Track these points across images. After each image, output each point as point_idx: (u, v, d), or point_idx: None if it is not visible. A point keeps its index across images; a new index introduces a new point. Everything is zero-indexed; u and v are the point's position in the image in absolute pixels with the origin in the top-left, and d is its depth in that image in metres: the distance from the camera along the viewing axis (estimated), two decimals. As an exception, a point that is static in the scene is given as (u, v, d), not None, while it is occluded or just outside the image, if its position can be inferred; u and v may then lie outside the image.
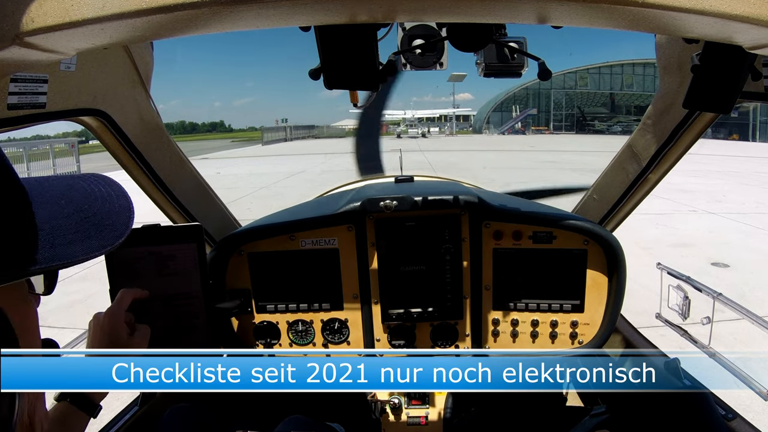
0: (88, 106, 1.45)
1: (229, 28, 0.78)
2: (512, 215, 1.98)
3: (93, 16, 0.68)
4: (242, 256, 2.00)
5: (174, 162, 1.91)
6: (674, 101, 1.64)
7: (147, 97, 1.69)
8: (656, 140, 1.80)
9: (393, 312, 2.02)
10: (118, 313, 1.31)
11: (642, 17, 0.70)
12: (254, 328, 2.06)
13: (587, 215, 2.20)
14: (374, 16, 0.81)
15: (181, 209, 2.01)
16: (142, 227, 1.57)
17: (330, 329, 2.07)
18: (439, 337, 2.08)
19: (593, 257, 1.96)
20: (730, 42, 0.77)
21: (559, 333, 2.03)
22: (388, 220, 1.96)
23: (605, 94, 69.95)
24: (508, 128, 69.55)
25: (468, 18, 0.84)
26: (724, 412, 1.72)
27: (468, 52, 1.23)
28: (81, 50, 0.81)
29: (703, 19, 0.66)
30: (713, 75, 1.25)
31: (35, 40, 0.72)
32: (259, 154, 37.79)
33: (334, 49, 1.15)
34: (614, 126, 64.34)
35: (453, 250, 1.98)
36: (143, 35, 0.80)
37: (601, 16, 0.73)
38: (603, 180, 2.14)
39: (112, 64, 1.49)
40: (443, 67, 1.39)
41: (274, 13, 0.73)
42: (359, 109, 1.52)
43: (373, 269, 2.00)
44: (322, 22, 0.98)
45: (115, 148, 1.69)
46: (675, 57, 1.54)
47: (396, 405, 2.09)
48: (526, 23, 0.81)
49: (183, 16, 0.70)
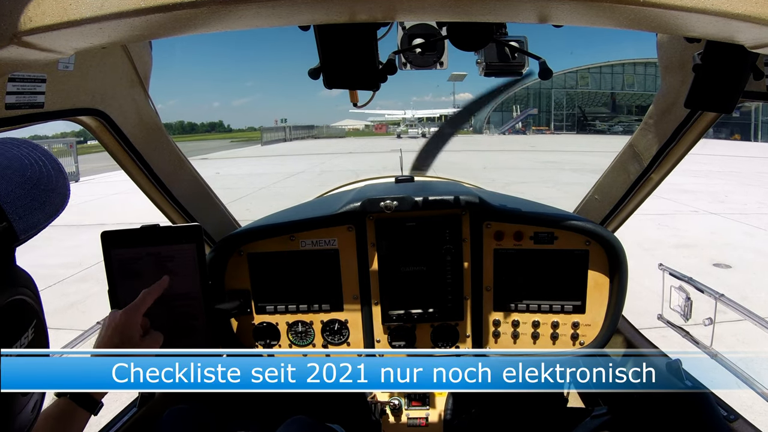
0: (87, 105, 1.45)
1: (228, 28, 0.78)
2: (513, 215, 1.98)
3: (91, 15, 0.68)
4: (242, 257, 2.00)
5: (173, 162, 1.91)
6: (676, 101, 1.64)
7: (146, 96, 1.69)
8: (658, 140, 1.80)
9: (393, 313, 2.02)
10: (135, 314, 1.31)
11: (643, 16, 0.70)
12: (254, 329, 2.06)
13: (589, 216, 2.20)
14: (374, 15, 0.81)
15: (180, 209, 2.01)
16: (141, 227, 1.57)
17: (330, 330, 2.07)
18: (440, 338, 2.08)
19: (595, 258, 1.96)
20: (731, 41, 0.77)
21: (560, 334, 2.03)
22: (389, 221, 1.96)
23: (606, 93, 69.94)
24: (509, 128, 69.57)
25: (468, 17, 0.84)
26: (726, 413, 1.72)
27: (468, 51, 1.23)
28: (79, 50, 0.81)
29: (705, 18, 0.66)
30: (715, 74, 1.25)
31: (33, 40, 0.72)
32: (258, 155, 37.79)
33: (333, 48, 1.15)
34: (615, 126, 64.35)
35: (454, 251, 1.98)
36: (142, 34, 0.80)
37: (602, 15, 0.73)
38: (604, 180, 2.14)
39: (111, 64, 1.49)
40: (443, 66, 1.39)
41: (273, 12, 0.73)
42: (359, 109, 1.51)
43: (373, 270, 2.00)
44: (321, 22, 0.98)
45: (114, 148, 1.69)
46: (676, 56, 1.54)
47: (396, 406, 2.09)
48: (526, 22, 0.81)
49: (182, 15, 0.69)
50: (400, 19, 1.27)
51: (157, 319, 1.61)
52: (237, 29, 0.79)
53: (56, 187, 0.81)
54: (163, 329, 1.62)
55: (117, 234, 1.56)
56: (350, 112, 75.85)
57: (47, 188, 0.78)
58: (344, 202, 2.00)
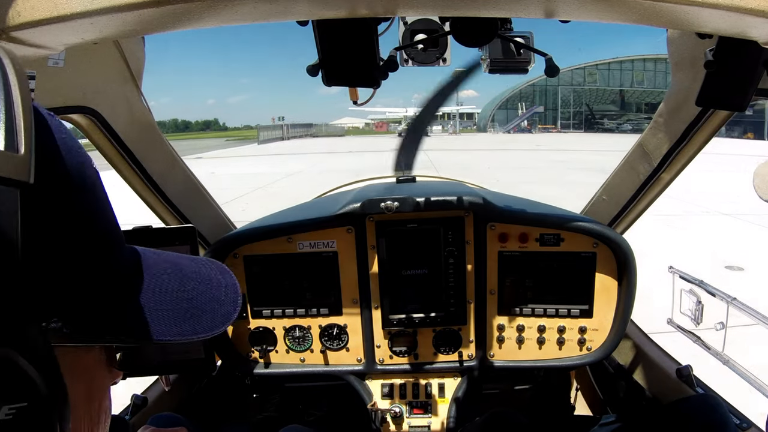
0: (77, 103, 1.45)
1: (223, 23, 0.78)
2: (518, 217, 1.98)
3: (82, 9, 0.68)
4: (237, 260, 2.00)
5: (166, 161, 1.91)
6: (687, 99, 1.64)
7: (138, 94, 1.69)
8: (668, 139, 1.79)
9: (394, 317, 2.02)
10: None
11: (653, 11, 0.70)
12: (249, 335, 2.06)
13: (596, 217, 2.19)
14: (375, 9, 0.81)
15: (174, 211, 2.01)
16: (132, 229, 1.57)
17: (328, 335, 2.06)
18: (442, 343, 2.07)
19: (603, 260, 1.96)
20: (744, 37, 0.77)
21: (566, 339, 2.03)
22: (389, 222, 1.95)
23: (615, 91, 70.02)
24: (514, 126, 69.64)
25: (472, 12, 0.83)
26: (738, 421, 1.71)
27: (472, 47, 1.23)
28: (70, 45, 0.81)
29: (717, 13, 0.66)
30: (727, 71, 1.25)
31: (22, 35, 0.72)
32: (254, 154, 37.83)
33: (333, 44, 1.15)
34: (624, 124, 64.45)
35: (456, 253, 1.97)
36: (134, 30, 0.80)
37: (610, 10, 0.73)
38: (613, 180, 2.14)
39: (102, 60, 1.49)
40: (446, 63, 1.38)
41: (271, 6, 0.73)
42: (359, 107, 1.51)
43: (373, 273, 1.99)
44: (320, 17, 0.98)
45: (105, 147, 1.69)
46: (688, 52, 1.54)
47: (397, 414, 2.09)
48: (532, 17, 0.81)
49: (176, 9, 0.69)
50: (402, 14, 1.27)
51: None
52: (233, 24, 0.79)
53: (213, 311, 0.69)
54: None
55: None
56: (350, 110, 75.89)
57: (201, 308, 0.68)
58: (343, 202, 1.99)
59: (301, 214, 2.08)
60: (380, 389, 2.10)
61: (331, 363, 2.10)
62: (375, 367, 2.09)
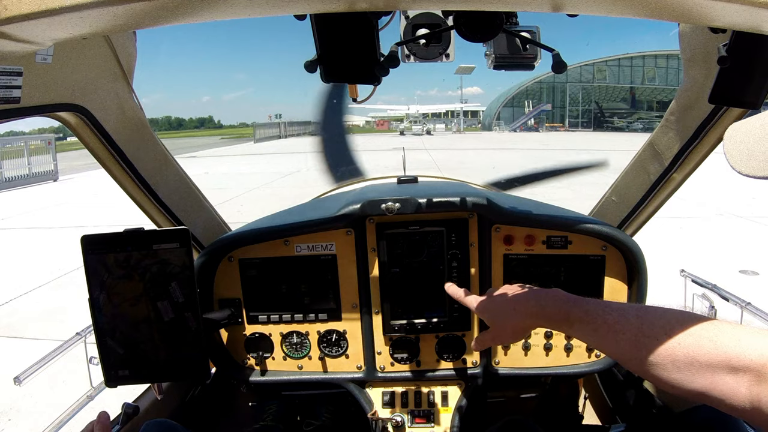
0: (66, 101, 1.45)
1: (218, 17, 0.78)
2: (524, 218, 1.97)
3: (71, 3, 0.68)
4: (232, 263, 1.99)
5: (158, 161, 1.91)
6: (699, 96, 1.63)
7: (129, 91, 1.69)
8: (680, 138, 1.79)
9: (395, 323, 2.01)
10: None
11: (664, 5, 0.70)
12: (245, 341, 2.06)
13: (605, 218, 2.19)
14: (375, 3, 0.81)
15: (167, 212, 2.01)
16: (124, 231, 1.57)
17: (327, 341, 2.06)
18: (445, 350, 2.07)
19: (612, 264, 1.96)
20: (759, 32, 0.77)
21: (574, 345, 2.02)
22: (390, 224, 1.95)
23: (625, 88, 70.03)
24: (520, 125, 69.68)
25: (477, 5, 0.83)
26: (752, 431, 1.71)
27: (477, 42, 1.22)
28: (58, 40, 0.82)
29: (731, 6, 0.66)
30: (741, 67, 1.24)
31: (9, 30, 0.72)
32: (250, 153, 37.87)
33: (331, 39, 1.15)
34: (635, 123, 64.47)
35: (460, 256, 1.97)
36: (126, 24, 0.80)
37: (620, 4, 0.73)
38: (622, 181, 2.13)
39: (92, 56, 1.49)
40: (450, 58, 1.38)
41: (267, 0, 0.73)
42: (359, 104, 1.51)
43: (373, 276, 1.99)
44: (318, 10, 0.98)
45: (95, 146, 1.69)
46: (700, 48, 1.54)
47: (399, 424, 2.08)
48: (539, 11, 0.81)
49: (168, 3, 0.69)
50: (403, 8, 1.27)
51: (143, 331, 1.61)
52: (228, 18, 0.79)
53: None
54: (149, 342, 1.63)
55: (98, 238, 1.56)
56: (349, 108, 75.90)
57: None
58: (343, 203, 1.99)
59: (299, 216, 2.08)
60: (381, 397, 2.10)
61: (330, 370, 2.09)
62: (375, 375, 2.08)
